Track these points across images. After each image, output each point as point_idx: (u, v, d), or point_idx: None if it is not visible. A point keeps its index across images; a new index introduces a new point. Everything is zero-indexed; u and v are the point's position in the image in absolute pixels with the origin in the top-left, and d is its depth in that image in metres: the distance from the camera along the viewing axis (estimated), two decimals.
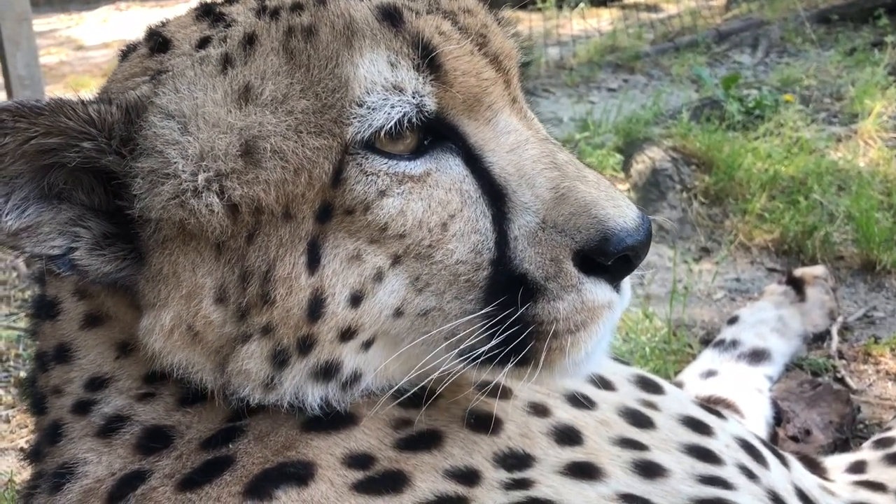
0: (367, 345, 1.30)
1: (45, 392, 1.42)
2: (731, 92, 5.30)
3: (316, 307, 1.24)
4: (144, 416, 1.31)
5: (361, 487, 1.23)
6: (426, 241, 1.26)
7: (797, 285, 3.16)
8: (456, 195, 1.28)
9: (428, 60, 1.25)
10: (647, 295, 3.53)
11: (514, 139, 1.32)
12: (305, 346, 1.26)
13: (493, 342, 1.26)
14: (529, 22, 8.02)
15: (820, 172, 4.17)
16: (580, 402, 1.49)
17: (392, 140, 1.24)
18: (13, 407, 2.94)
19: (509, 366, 1.28)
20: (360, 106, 1.21)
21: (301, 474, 1.22)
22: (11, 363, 3.23)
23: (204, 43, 1.29)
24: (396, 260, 1.26)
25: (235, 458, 1.24)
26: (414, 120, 1.24)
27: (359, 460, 1.25)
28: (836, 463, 2.14)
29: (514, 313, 1.25)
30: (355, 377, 1.31)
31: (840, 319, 3.19)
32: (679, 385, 2.63)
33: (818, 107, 5.39)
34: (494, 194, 1.29)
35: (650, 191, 4.26)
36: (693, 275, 3.69)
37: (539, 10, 8.32)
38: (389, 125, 1.22)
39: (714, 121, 4.91)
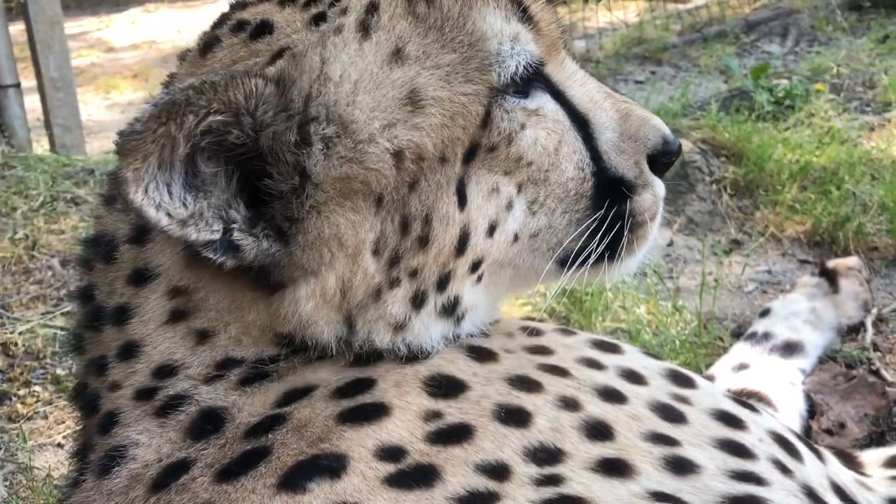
0: (481, 277, 1.49)
1: (98, 392, 1.43)
2: (761, 82, 5.23)
3: (463, 241, 1.41)
4: (205, 397, 1.34)
5: (393, 481, 1.23)
6: (545, 165, 1.47)
7: (830, 277, 3.11)
8: (557, 124, 1.50)
9: (526, 15, 1.47)
10: (678, 288, 3.50)
11: (580, 76, 1.58)
12: (443, 283, 1.42)
13: (597, 239, 1.51)
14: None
15: (852, 162, 4.09)
16: (611, 395, 1.49)
17: (513, 83, 1.44)
18: (50, 403, 2.99)
19: (602, 261, 1.54)
20: (498, 55, 1.41)
21: (334, 467, 1.23)
22: (48, 360, 3.28)
23: (319, 18, 1.38)
24: (520, 188, 1.47)
25: (272, 450, 1.26)
26: (528, 65, 1.45)
27: (390, 453, 1.26)
28: (872, 457, 2.10)
29: (622, 207, 1.53)
30: (465, 311, 1.48)
31: (874, 311, 3.13)
32: (710, 378, 2.60)
33: (850, 96, 5.30)
34: (579, 121, 1.53)
35: (679, 183, 4.21)
36: (723, 267, 3.65)
37: (564, 2, 8.23)
38: (520, 69, 1.43)
39: (743, 111, 4.84)
